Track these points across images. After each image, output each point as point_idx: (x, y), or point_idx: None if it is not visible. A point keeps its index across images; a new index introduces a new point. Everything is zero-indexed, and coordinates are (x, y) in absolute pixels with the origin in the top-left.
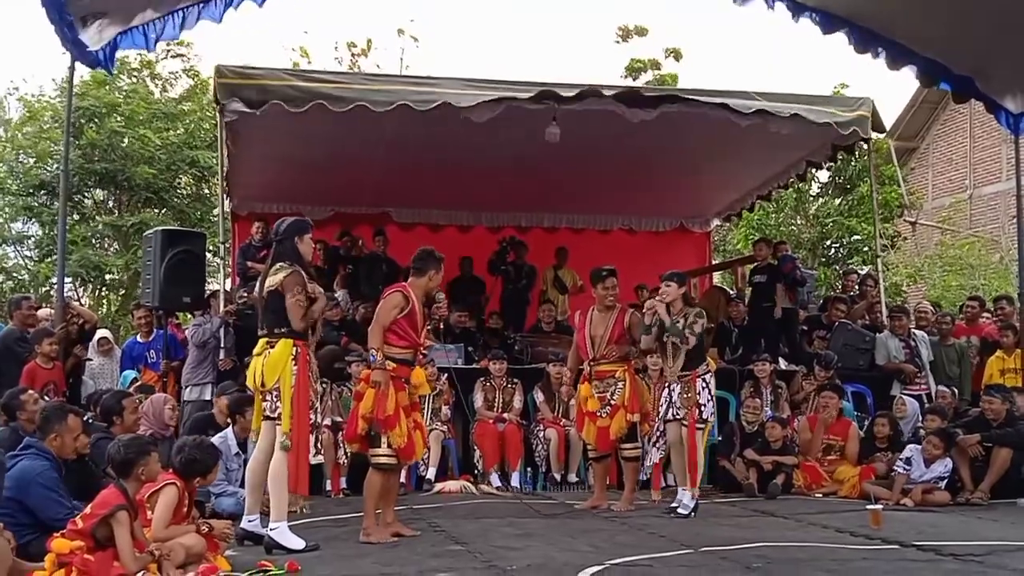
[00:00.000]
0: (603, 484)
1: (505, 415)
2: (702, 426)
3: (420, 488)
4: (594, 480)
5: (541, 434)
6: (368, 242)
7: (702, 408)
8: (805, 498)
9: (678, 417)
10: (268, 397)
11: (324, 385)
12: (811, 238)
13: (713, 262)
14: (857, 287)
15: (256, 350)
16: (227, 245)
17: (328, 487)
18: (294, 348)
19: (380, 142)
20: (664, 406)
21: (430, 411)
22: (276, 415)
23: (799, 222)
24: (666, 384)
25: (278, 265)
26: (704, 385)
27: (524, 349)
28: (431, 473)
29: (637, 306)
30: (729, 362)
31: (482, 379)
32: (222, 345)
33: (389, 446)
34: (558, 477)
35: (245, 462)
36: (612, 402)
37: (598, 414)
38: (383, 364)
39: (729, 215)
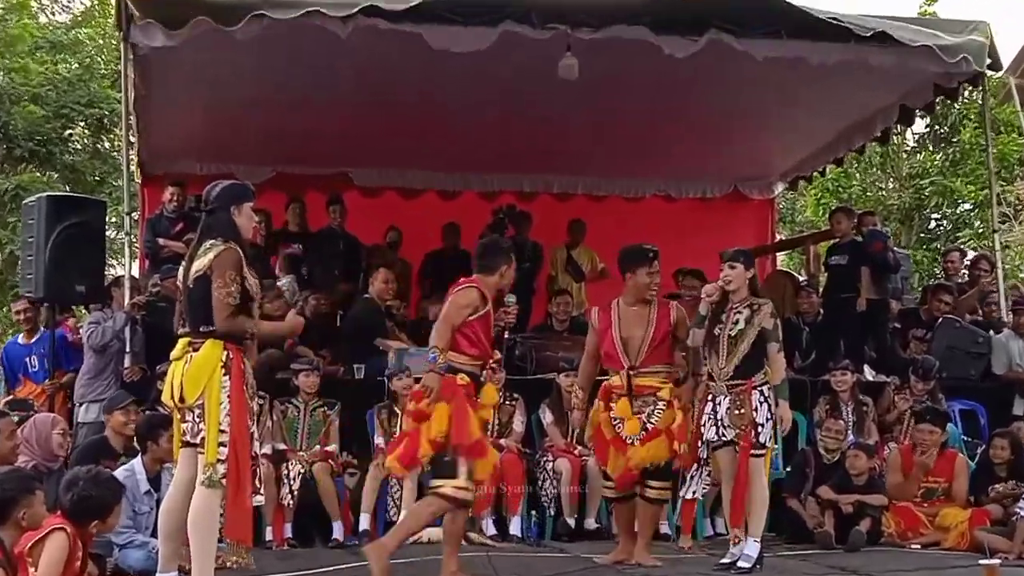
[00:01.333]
0: (630, 532)
1: (502, 441)
2: (760, 452)
3: None
4: (617, 527)
5: (549, 466)
6: (321, 213)
7: (759, 429)
8: (898, 550)
9: (727, 440)
10: (189, 416)
11: (262, 401)
12: (904, 206)
13: (777, 239)
14: (966, 272)
15: (174, 353)
16: (135, 216)
17: (268, 536)
18: (224, 353)
19: (337, 79)
20: (708, 425)
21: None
22: (199, 440)
23: (888, 186)
24: (710, 396)
25: (208, 243)
26: (762, 399)
27: (527, 354)
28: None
29: (676, 296)
30: (798, 371)
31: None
32: (128, 349)
33: (470, 477)
34: (572, 523)
35: (158, 502)
36: (649, 425)
37: (632, 441)
38: (442, 369)
39: (797, 177)
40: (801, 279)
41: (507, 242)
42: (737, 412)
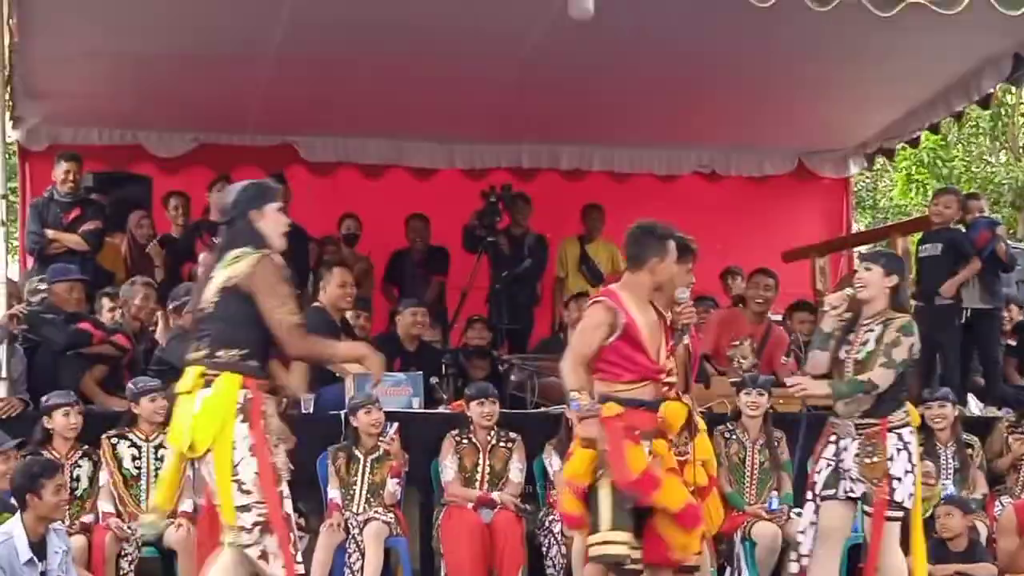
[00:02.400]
0: None
1: (494, 496)
2: (896, 515)
3: None
4: None
5: (557, 527)
6: None
7: (895, 484)
8: None
9: (852, 496)
10: (204, 471)
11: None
12: (1020, 185)
13: (854, 229)
14: None
15: (182, 386)
16: (11, 200)
17: None
18: (242, 392)
19: (279, 21)
20: (824, 472)
21: (365, 488)
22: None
23: (1000, 159)
24: (830, 438)
25: (236, 252)
26: (900, 445)
27: (526, 381)
28: None
29: (708, 299)
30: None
31: (455, 433)
32: (3, 375)
33: (621, 526)
34: None
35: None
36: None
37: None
38: (594, 410)
39: (879, 150)
40: None
41: (659, 226)
42: (868, 461)
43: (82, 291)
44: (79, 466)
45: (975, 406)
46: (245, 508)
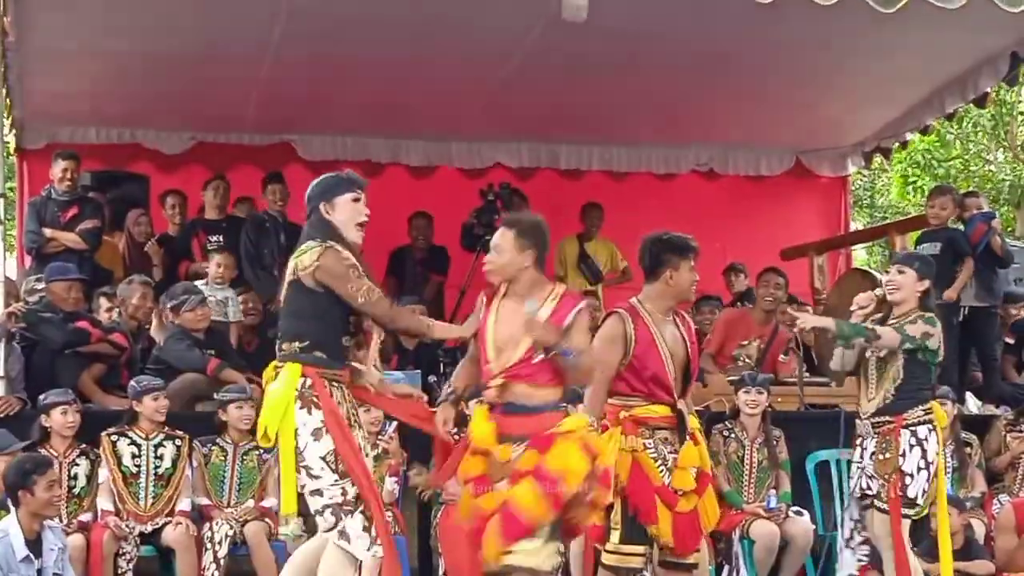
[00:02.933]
0: None
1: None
2: (910, 512)
3: None
4: None
5: None
6: (257, 194)
7: (908, 480)
8: None
9: (871, 494)
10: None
11: (178, 442)
12: (1019, 183)
13: (852, 227)
14: None
15: (265, 376)
16: (9, 199)
17: None
18: (302, 380)
19: (277, 18)
20: (856, 476)
21: None
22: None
23: (998, 158)
24: (858, 440)
25: (304, 245)
26: (915, 441)
27: None
28: None
29: (712, 299)
30: None
31: (452, 432)
32: (0, 373)
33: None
34: None
35: (40, 573)
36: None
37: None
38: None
39: (879, 149)
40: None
41: (672, 236)
42: (881, 457)
43: (80, 290)
44: (77, 464)
45: (973, 404)
46: (317, 492)
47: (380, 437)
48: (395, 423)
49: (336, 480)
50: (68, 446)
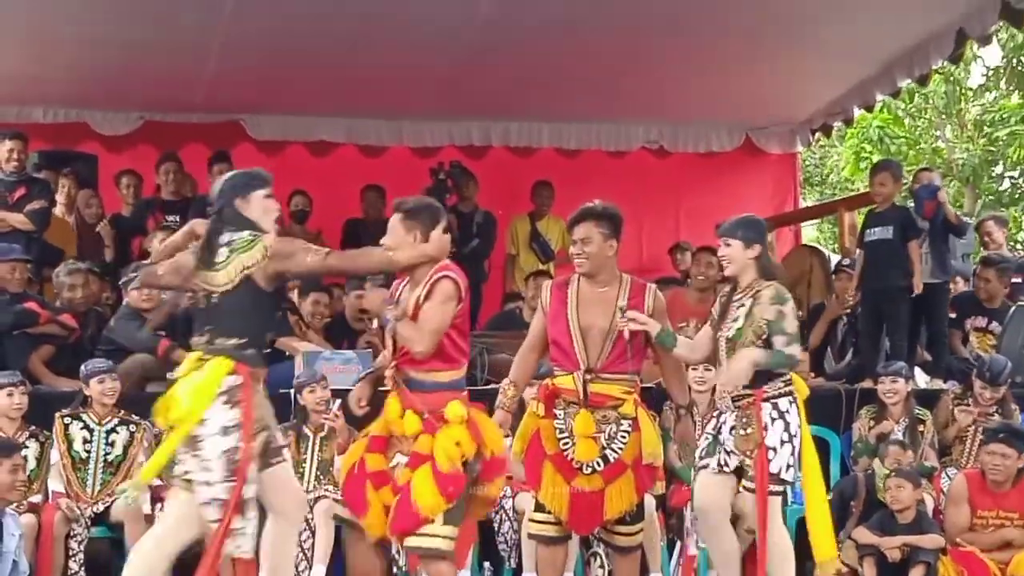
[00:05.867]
0: None
1: None
2: (778, 488)
3: None
4: None
5: (508, 504)
6: (204, 174)
7: (771, 455)
8: None
9: (726, 469)
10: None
11: (132, 428)
12: (971, 162)
13: (801, 204)
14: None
15: (181, 369)
16: None
17: None
18: (232, 377)
19: None
20: (703, 443)
21: (314, 466)
22: (186, 477)
23: (949, 134)
24: (715, 413)
25: (248, 234)
26: (776, 414)
27: (478, 359)
28: (318, 574)
29: (674, 280)
30: (831, 376)
31: None
32: None
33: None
34: None
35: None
36: (611, 455)
37: (583, 468)
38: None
39: (829, 124)
40: (832, 257)
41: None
42: (742, 433)
43: (25, 271)
44: (26, 447)
45: (921, 379)
46: (206, 484)
47: (325, 416)
48: (339, 401)
49: (227, 477)
50: (17, 428)
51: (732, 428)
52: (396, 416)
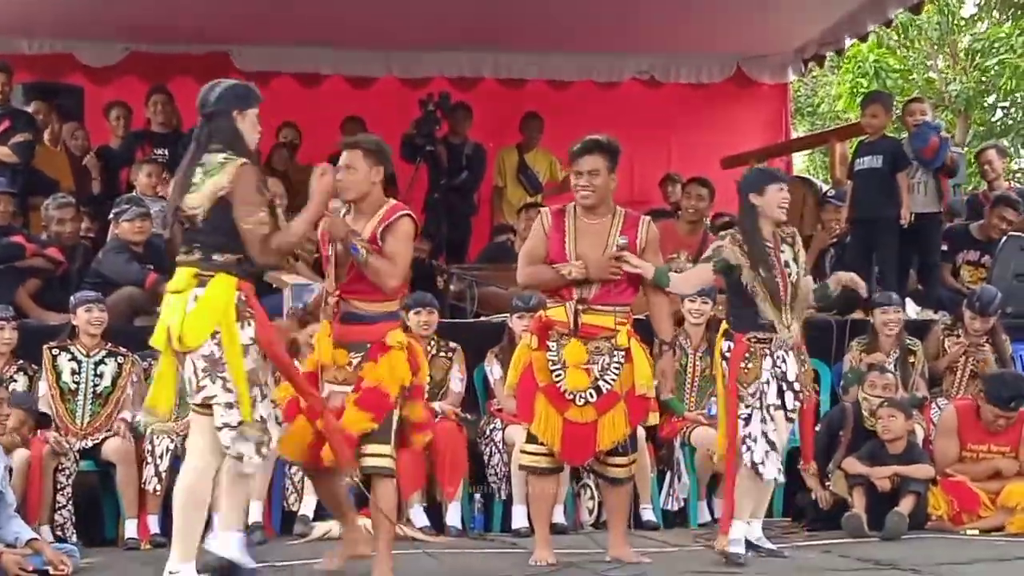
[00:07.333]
0: (547, 525)
1: (435, 405)
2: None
3: (290, 531)
4: (535, 517)
5: (498, 436)
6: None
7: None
8: (949, 537)
9: (790, 409)
10: (189, 368)
11: (120, 359)
12: (964, 93)
13: (793, 135)
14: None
15: (173, 285)
16: None
17: (131, 531)
18: (237, 294)
19: None
20: (769, 387)
21: None
22: (200, 400)
23: (941, 64)
24: (767, 352)
25: (218, 159)
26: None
27: (466, 291)
28: (308, 506)
29: (664, 212)
30: (822, 308)
31: None
32: None
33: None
34: (527, 510)
35: None
36: (604, 386)
37: (576, 399)
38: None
39: (821, 54)
40: (823, 188)
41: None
42: (804, 369)
43: (10, 203)
44: (15, 380)
45: (912, 310)
46: (230, 406)
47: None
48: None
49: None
50: (5, 362)
51: (792, 366)
52: (327, 350)
